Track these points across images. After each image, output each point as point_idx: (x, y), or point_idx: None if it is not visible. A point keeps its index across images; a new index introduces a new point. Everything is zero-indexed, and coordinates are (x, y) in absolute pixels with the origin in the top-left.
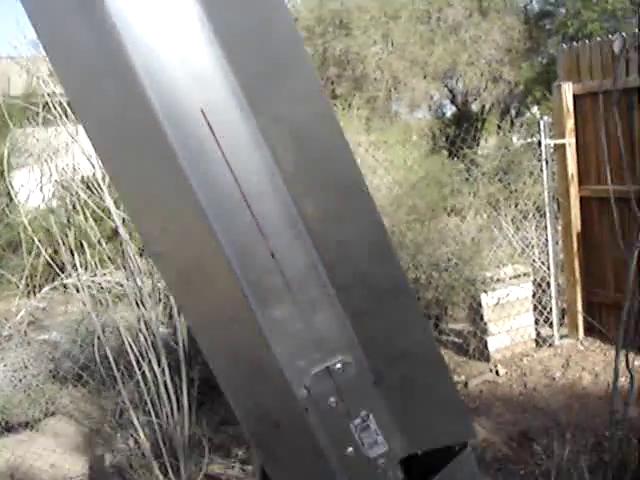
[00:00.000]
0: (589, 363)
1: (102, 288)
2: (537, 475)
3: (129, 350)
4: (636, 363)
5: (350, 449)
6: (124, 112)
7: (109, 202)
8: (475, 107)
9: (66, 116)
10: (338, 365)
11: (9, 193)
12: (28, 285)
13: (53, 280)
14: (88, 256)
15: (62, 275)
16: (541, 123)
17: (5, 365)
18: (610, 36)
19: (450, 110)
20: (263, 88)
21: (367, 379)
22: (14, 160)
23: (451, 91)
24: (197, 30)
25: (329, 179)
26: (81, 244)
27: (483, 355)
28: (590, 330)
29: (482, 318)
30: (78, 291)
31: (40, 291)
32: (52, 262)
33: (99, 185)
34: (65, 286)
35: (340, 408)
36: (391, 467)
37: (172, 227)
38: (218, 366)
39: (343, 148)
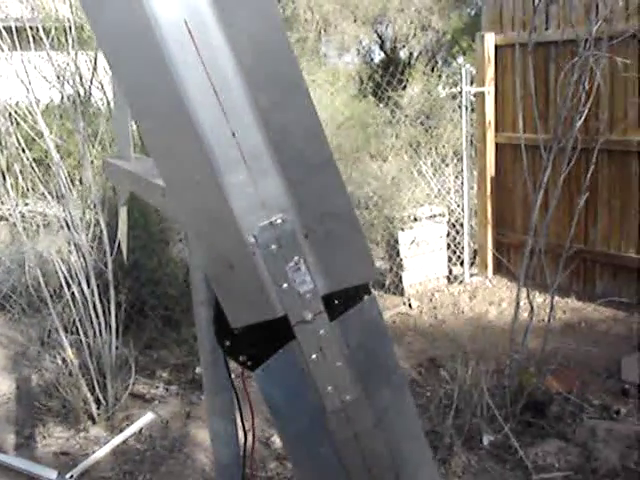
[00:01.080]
0: (496, 298)
1: (24, 217)
2: (442, 396)
3: (59, 272)
4: (538, 300)
5: (285, 285)
6: (127, 26)
7: (42, 126)
8: (403, 54)
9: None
10: (279, 220)
11: None
12: None
13: None
14: (9, 183)
15: None
16: (463, 70)
17: None
18: None
19: (379, 56)
20: (231, 5)
21: (300, 232)
22: None
23: (380, 37)
24: None
25: (277, 76)
26: (7, 169)
27: (398, 289)
28: (499, 269)
29: (398, 254)
30: (1, 220)
31: None
32: None
33: (32, 108)
34: None
35: (279, 253)
36: (315, 301)
37: (160, 110)
38: (187, 222)
39: (289, 53)
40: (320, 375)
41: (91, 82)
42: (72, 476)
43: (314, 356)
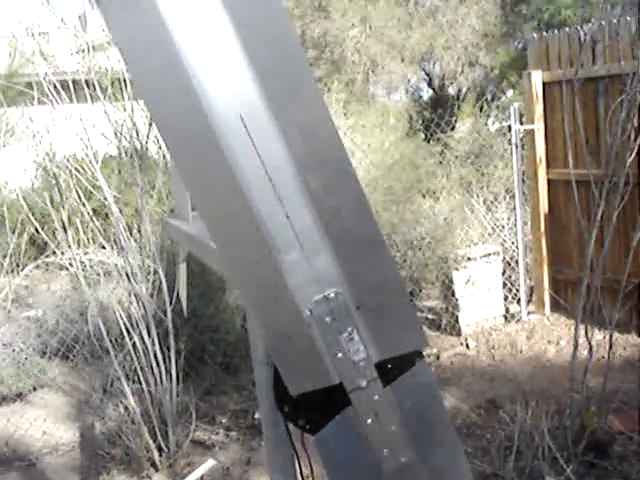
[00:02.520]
0: (554, 337)
1: (87, 266)
2: (502, 438)
3: (120, 321)
4: (597, 337)
5: (340, 354)
6: (188, 121)
7: (101, 180)
8: (452, 90)
9: (56, 95)
10: (332, 294)
11: None
12: (12, 263)
13: (36, 259)
14: (71, 235)
15: (46, 253)
16: (511, 109)
17: None
18: (583, 23)
19: (427, 93)
20: (283, 100)
21: (352, 304)
22: None
23: (428, 74)
24: (239, 62)
25: (326, 162)
26: (69, 221)
27: (455, 329)
28: (556, 306)
29: (454, 294)
30: (62, 270)
31: (23, 269)
32: (36, 241)
33: (90, 162)
34: (47, 265)
35: (333, 324)
36: (369, 368)
37: (220, 199)
38: (248, 296)
39: (337, 141)
40: (376, 439)
41: (147, 137)
42: None
43: (369, 421)
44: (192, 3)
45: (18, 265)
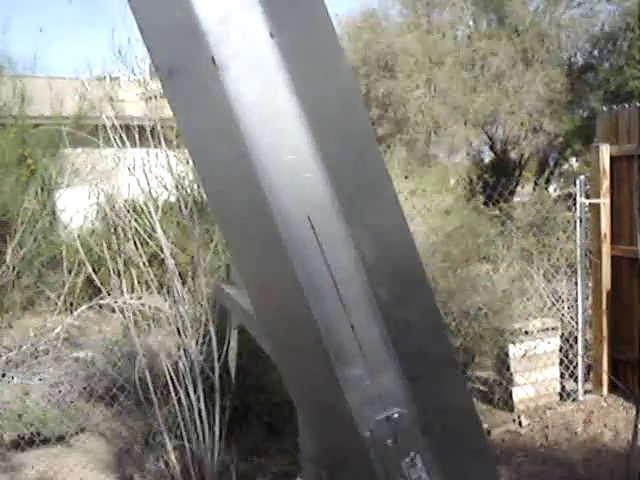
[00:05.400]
0: (611, 420)
1: (139, 311)
2: None
3: (167, 374)
4: None
5: None
6: (251, 218)
7: (159, 232)
8: (514, 155)
9: (119, 140)
10: (396, 415)
11: (54, 212)
12: (65, 302)
13: (90, 299)
14: (125, 280)
15: (100, 295)
16: (577, 182)
17: (40, 379)
18: None
19: (488, 156)
20: (356, 203)
21: (417, 427)
22: (60, 180)
23: (490, 138)
24: (310, 160)
25: (399, 272)
26: (124, 266)
27: (507, 405)
28: (615, 387)
29: (508, 368)
30: (114, 312)
31: (77, 309)
32: (92, 282)
33: (149, 213)
34: (100, 306)
35: (395, 448)
36: None
37: (280, 304)
38: (303, 412)
39: (412, 249)
40: None
41: None
42: None
43: None
44: (263, 91)
45: (72, 304)
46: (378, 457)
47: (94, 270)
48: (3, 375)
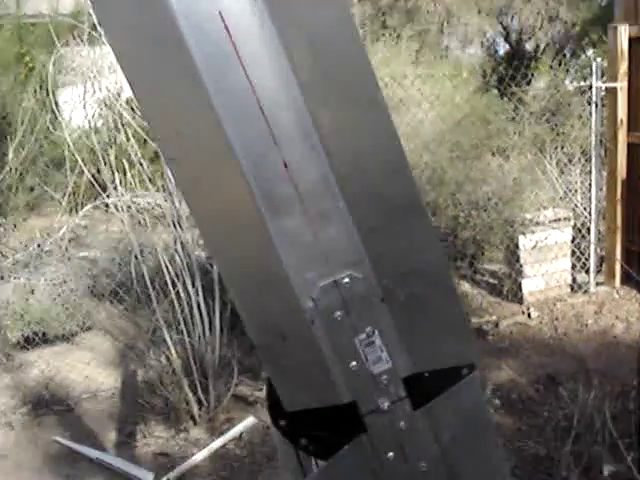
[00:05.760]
0: (623, 312)
1: (142, 209)
2: (560, 418)
3: (165, 270)
4: None
5: (354, 363)
6: (141, 12)
7: None
8: (529, 46)
9: None
10: (346, 279)
11: (54, 110)
12: (70, 202)
13: (95, 199)
14: (129, 176)
15: (103, 194)
16: (593, 65)
17: (45, 279)
18: None
19: (503, 48)
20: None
21: (374, 295)
22: (60, 78)
23: (505, 28)
24: None
25: (346, 89)
26: (122, 164)
27: (517, 297)
28: (627, 279)
29: (518, 260)
30: (118, 211)
31: (82, 209)
32: (94, 181)
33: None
34: (107, 205)
35: (346, 322)
36: (393, 384)
37: (187, 131)
38: (228, 274)
39: (361, 57)
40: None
41: None
42: (168, 479)
43: (390, 454)
44: None
45: (77, 204)
46: (324, 333)
47: (98, 169)
48: (9, 276)
